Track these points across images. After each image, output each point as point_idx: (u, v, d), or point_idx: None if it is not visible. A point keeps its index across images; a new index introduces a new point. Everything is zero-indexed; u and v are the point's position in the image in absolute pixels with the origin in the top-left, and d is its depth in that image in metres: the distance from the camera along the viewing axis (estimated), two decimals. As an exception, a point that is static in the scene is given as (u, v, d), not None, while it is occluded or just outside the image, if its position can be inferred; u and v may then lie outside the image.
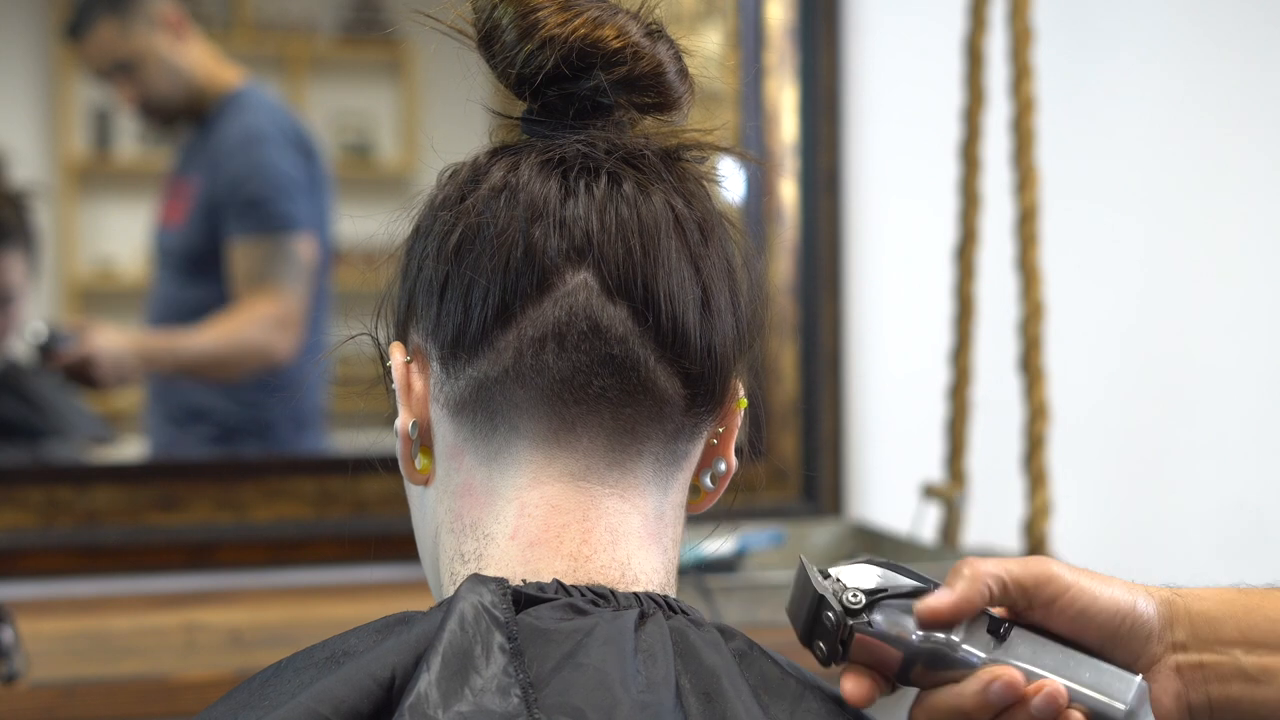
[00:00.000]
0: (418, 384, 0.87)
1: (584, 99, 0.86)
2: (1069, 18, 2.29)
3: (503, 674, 0.75)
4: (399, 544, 1.33)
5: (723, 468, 0.90)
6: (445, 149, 0.92)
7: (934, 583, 0.84)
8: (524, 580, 0.81)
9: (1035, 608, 0.84)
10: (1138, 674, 0.84)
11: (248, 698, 0.80)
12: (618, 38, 0.85)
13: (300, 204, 2.35)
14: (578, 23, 0.85)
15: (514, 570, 0.82)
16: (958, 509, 2.07)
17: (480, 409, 0.84)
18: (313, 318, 2.31)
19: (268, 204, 2.33)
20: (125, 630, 1.88)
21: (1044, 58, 2.07)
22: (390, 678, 0.75)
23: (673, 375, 0.84)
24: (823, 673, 0.85)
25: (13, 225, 2.29)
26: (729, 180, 0.93)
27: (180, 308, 2.35)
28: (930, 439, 2.17)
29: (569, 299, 0.82)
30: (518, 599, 0.79)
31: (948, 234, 2.14)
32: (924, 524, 2.12)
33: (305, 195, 2.36)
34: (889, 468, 2.27)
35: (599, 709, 0.73)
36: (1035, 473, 2.01)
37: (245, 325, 2.29)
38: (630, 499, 0.85)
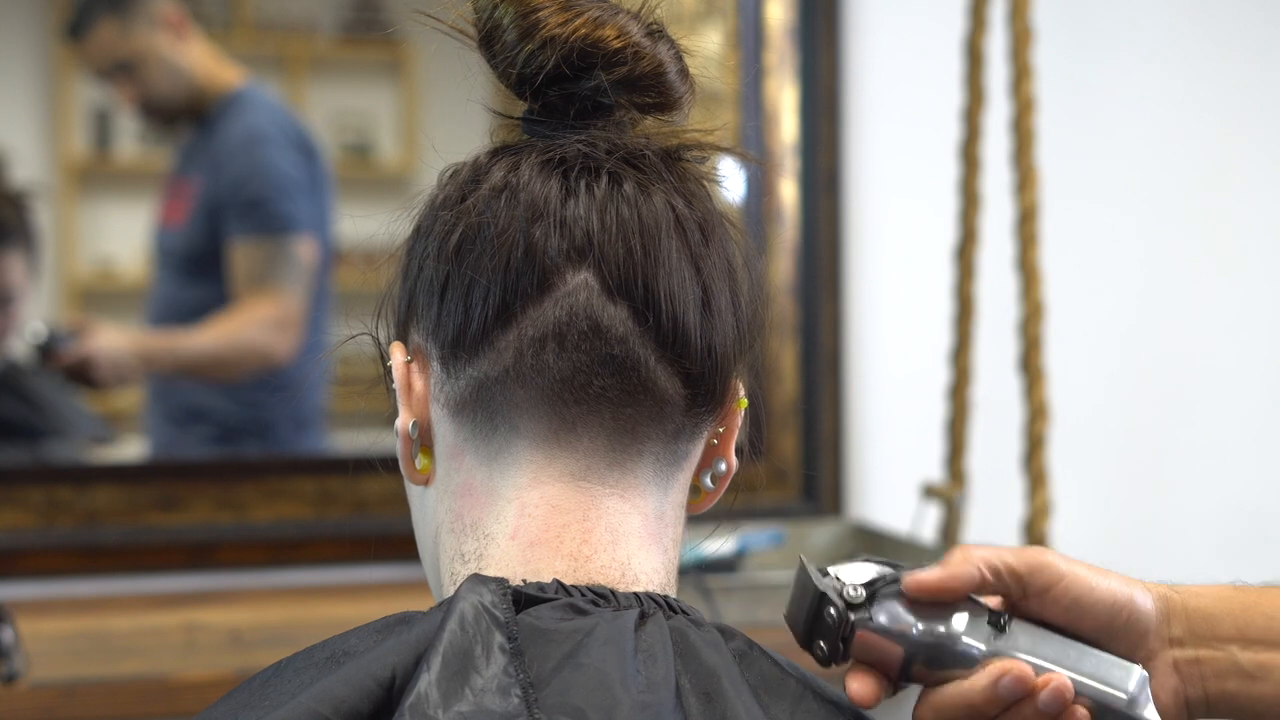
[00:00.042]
0: (418, 384, 0.87)
1: (585, 99, 0.86)
2: (1069, 18, 2.29)
3: (503, 674, 0.75)
4: (399, 544, 1.33)
5: (723, 468, 0.90)
6: (445, 149, 0.92)
7: None
8: (524, 580, 0.81)
9: (1030, 596, 0.84)
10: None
11: (248, 698, 0.80)
12: (619, 38, 0.85)
13: (301, 205, 2.35)
14: (579, 23, 0.85)
15: (514, 570, 0.82)
16: (958, 509, 2.07)
17: (480, 409, 0.84)
18: (313, 318, 2.31)
19: (268, 205, 2.33)
20: (125, 630, 1.88)
21: (1044, 58, 2.07)
22: (390, 678, 0.75)
23: (673, 375, 0.84)
24: (823, 673, 0.85)
25: (13, 225, 2.29)
26: (729, 180, 0.93)
27: (180, 308, 2.35)
28: (930, 439, 2.17)
29: (569, 299, 0.82)
30: (518, 599, 0.79)
31: (948, 234, 2.14)
32: (924, 524, 2.12)
33: (306, 196, 2.36)
34: (889, 468, 2.27)
35: (599, 709, 0.73)
36: (1035, 473, 2.01)
37: (244, 326, 2.29)
38: (630, 499, 0.85)
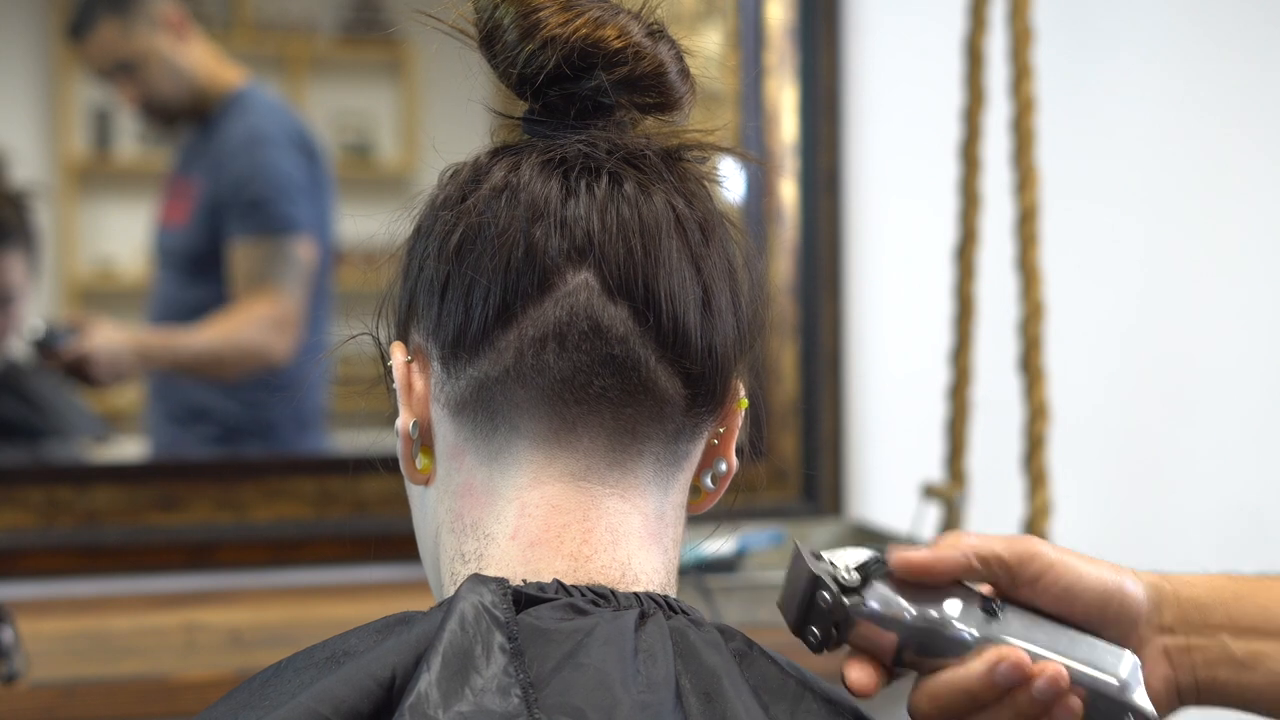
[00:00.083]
0: (418, 384, 0.87)
1: (585, 99, 0.86)
2: (1069, 18, 2.29)
3: (503, 674, 0.75)
4: (399, 544, 1.33)
5: (723, 468, 0.90)
6: (446, 149, 0.92)
7: None
8: (524, 580, 0.81)
9: (1020, 585, 0.85)
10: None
11: (248, 698, 0.80)
12: (619, 38, 0.85)
13: (301, 206, 2.35)
14: (579, 23, 0.85)
15: (514, 570, 0.82)
16: (958, 509, 2.07)
17: (481, 409, 0.84)
18: (314, 318, 2.31)
19: (269, 205, 2.33)
20: (125, 630, 1.88)
21: (1044, 58, 2.07)
22: (390, 678, 0.75)
23: (673, 375, 0.84)
24: (820, 669, 0.85)
25: (13, 225, 2.29)
26: (729, 180, 0.93)
27: (181, 308, 2.35)
28: (930, 439, 2.17)
29: (570, 299, 0.82)
30: (518, 599, 0.79)
31: (948, 234, 2.14)
32: (924, 524, 2.12)
33: (307, 197, 2.36)
34: (889, 468, 2.27)
35: (599, 709, 0.74)
36: (1035, 473, 2.01)
37: (243, 325, 2.29)
38: (631, 499, 0.85)
